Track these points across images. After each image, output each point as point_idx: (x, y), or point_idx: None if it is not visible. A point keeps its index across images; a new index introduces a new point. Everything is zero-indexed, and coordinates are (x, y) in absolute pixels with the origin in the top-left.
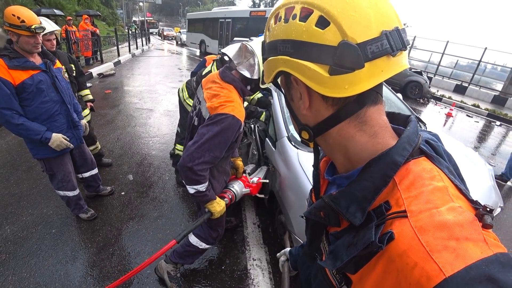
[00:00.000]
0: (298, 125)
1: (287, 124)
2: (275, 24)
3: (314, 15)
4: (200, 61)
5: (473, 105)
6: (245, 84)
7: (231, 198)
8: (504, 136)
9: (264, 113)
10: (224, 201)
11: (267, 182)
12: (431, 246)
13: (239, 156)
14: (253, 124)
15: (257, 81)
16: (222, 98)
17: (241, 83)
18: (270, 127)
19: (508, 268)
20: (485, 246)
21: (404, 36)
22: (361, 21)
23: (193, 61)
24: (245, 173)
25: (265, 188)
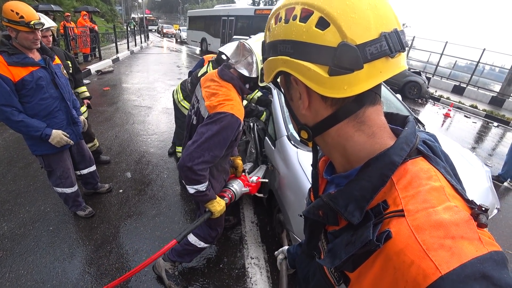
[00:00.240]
0: (297, 125)
1: (287, 123)
2: (276, 25)
3: (314, 16)
4: (198, 61)
5: (471, 106)
6: (244, 83)
7: (231, 198)
8: (501, 137)
9: (265, 113)
10: (224, 201)
11: (267, 182)
12: (428, 245)
13: (238, 155)
14: (252, 122)
15: (256, 80)
16: (221, 97)
17: (240, 82)
18: (270, 126)
19: (502, 266)
20: (480, 245)
21: (403, 38)
22: (361, 23)
23: (193, 59)
24: (244, 172)
25: (264, 187)
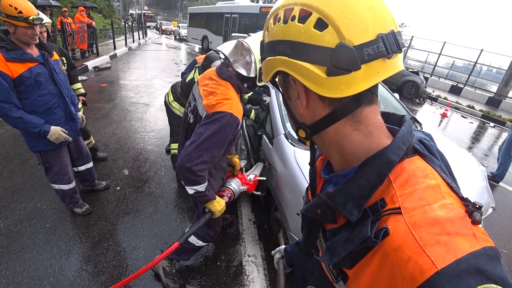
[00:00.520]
0: (295, 124)
1: (284, 122)
2: (274, 25)
3: (313, 17)
4: (191, 62)
5: (468, 106)
6: (242, 81)
7: (230, 197)
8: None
9: (253, 111)
10: (224, 200)
11: (264, 180)
12: (424, 241)
13: (236, 153)
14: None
15: (254, 79)
16: (219, 96)
17: (238, 80)
18: (267, 125)
19: (495, 261)
20: (474, 240)
21: (400, 39)
22: (358, 24)
23: (191, 57)
24: (242, 171)
25: (262, 185)
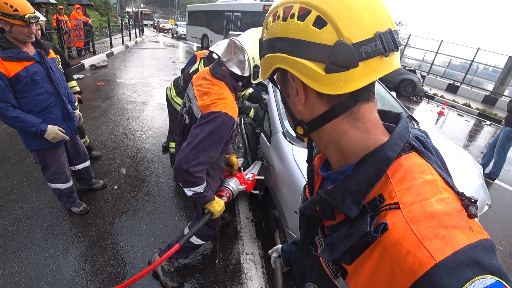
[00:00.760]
0: (294, 121)
1: (282, 120)
2: (273, 22)
3: (312, 15)
4: (191, 57)
5: (465, 104)
6: (237, 80)
7: (229, 197)
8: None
9: (253, 109)
10: (223, 200)
11: (262, 179)
12: (423, 235)
13: (234, 152)
14: (239, 117)
15: (249, 77)
16: (214, 96)
17: (232, 79)
18: (265, 123)
19: (491, 253)
20: (471, 233)
21: (396, 38)
22: (357, 22)
23: (189, 55)
24: (240, 170)
25: (260, 184)
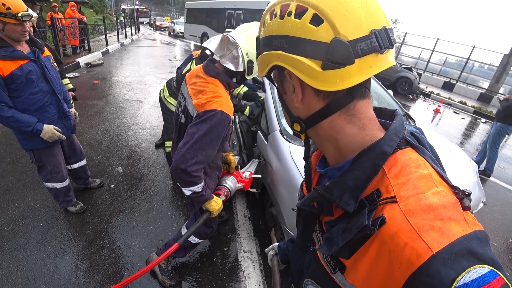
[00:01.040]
0: (291, 118)
1: (279, 118)
2: (271, 20)
3: (309, 13)
4: (187, 57)
5: (460, 102)
6: (231, 77)
7: (227, 195)
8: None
9: (248, 107)
10: (221, 199)
11: (260, 177)
12: (420, 227)
13: (231, 151)
14: (234, 115)
15: (243, 73)
16: (209, 94)
17: (227, 76)
18: (262, 121)
19: (485, 243)
20: (466, 225)
21: (391, 35)
22: (353, 20)
23: (186, 53)
24: (237, 168)
25: (257, 182)
